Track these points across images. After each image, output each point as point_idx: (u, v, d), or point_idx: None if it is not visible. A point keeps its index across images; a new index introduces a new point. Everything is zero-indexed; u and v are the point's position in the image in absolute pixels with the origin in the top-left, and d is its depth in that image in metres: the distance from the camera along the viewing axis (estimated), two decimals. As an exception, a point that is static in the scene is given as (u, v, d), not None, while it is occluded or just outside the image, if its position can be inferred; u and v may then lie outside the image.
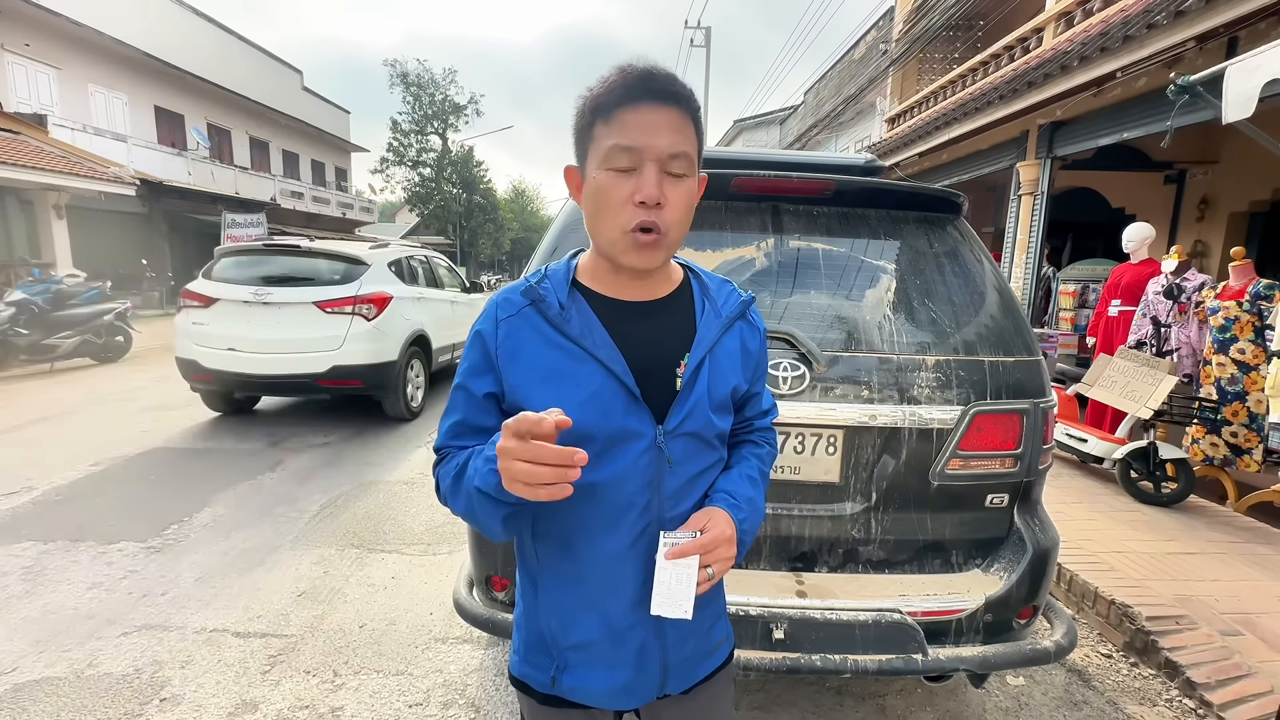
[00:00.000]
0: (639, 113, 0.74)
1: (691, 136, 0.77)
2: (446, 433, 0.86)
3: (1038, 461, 1.70)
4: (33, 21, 13.19)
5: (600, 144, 0.76)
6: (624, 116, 0.74)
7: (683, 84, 0.76)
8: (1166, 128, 3.24)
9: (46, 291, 7.43)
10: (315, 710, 1.97)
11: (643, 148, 0.74)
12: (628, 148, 0.74)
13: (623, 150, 0.74)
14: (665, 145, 0.74)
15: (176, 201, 15.40)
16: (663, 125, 0.74)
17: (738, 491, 0.87)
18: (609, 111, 0.75)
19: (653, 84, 0.74)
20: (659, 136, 0.74)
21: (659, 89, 0.74)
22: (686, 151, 0.76)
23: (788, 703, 2.05)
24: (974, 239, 1.91)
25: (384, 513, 3.53)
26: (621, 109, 0.74)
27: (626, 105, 0.74)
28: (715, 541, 0.78)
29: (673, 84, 0.75)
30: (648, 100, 0.74)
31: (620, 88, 0.75)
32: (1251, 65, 2.38)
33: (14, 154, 10.53)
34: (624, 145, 0.74)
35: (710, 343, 0.86)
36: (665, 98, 0.75)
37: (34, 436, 4.81)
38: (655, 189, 0.74)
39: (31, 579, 2.72)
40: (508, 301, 0.84)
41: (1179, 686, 2.19)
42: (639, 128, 0.74)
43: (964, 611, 1.59)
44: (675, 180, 0.76)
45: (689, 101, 0.77)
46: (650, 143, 0.74)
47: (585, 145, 0.79)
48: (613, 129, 0.75)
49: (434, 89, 33.37)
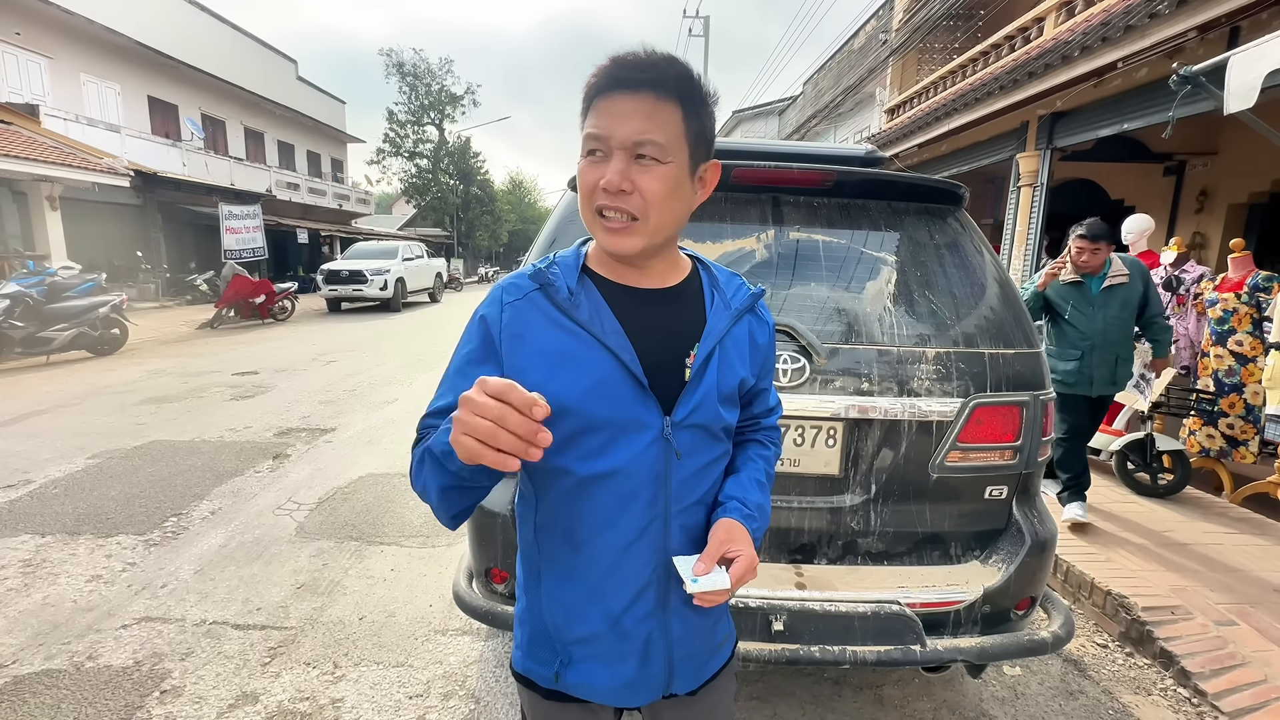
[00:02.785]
0: (610, 101, 0.75)
1: (667, 122, 0.74)
2: (432, 414, 0.80)
3: (1037, 454, 1.71)
4: (23, 10, 13.02)
5: (582, 133, 0.78)
6: (598, 105, 0.76)
7: (659, 69, 0.74)
8: (1168, 118, 3.24)
9: (41, 284, 7.38)
10: (315, 702, 1.98)
11: (608, 135, 0.74)
12: (595, 135, 0.75)
13: (592, 138, 0.76)
14: (627, 133, 0.73)
15: (171, 193, 15.27)
16: (627, 112, 0.74)
17: (750, 500, 0.86)
18: (589, 101, 0.77)
19: (620, 72, 0.75)
20: (621, 124, 0.74)
21: (624, 77, 0.74)
22: (653, 138, 0.74)
23: (786, 693, 2.06)
24: (974, 230, 1.91)
25: (382, 505, 3.53)
26: (598, 98, 0.76)
27: (601, 94, 0.76)
28: (745, 572, 0.78)
29: (642, 70, 0.74)
30: (616, 89, 0.75)
31: (595, 77, 0.76)
32: (1254, 55, 2.37)
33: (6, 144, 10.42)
34: (593, 133, 0.76)
35: (720, 333, 0.85)
36: (632, 85, 0.74)
37: (31, 429, 4.79)
38: (616, 176, 0.74)
39: (30, 572, 2.72)
40: (514, 285, 0.82)
41: (1174, 676, 2.21)
42: (606, 116, 0.75)
43: (962, 603, 1.60)
44: (645, 167, 0.75)
45: (664, 86, 0.74)
46: (613, 130, 0.74)
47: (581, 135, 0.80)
48: (590, 118, 0.77)
49: (430, 79, 33.14)
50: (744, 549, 0.79)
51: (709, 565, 0.78)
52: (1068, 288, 3.21)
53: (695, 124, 0.78)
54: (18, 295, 7.06)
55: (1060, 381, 3.21)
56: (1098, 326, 3.14)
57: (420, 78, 32.86)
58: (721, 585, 0.76)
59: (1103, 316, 3.14)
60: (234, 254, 14.58)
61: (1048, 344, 3.33)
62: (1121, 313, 3.14)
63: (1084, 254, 3.11)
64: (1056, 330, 3.30)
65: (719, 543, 0.79)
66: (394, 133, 33.34)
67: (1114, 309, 3.14)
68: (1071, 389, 3.22)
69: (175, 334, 10.27)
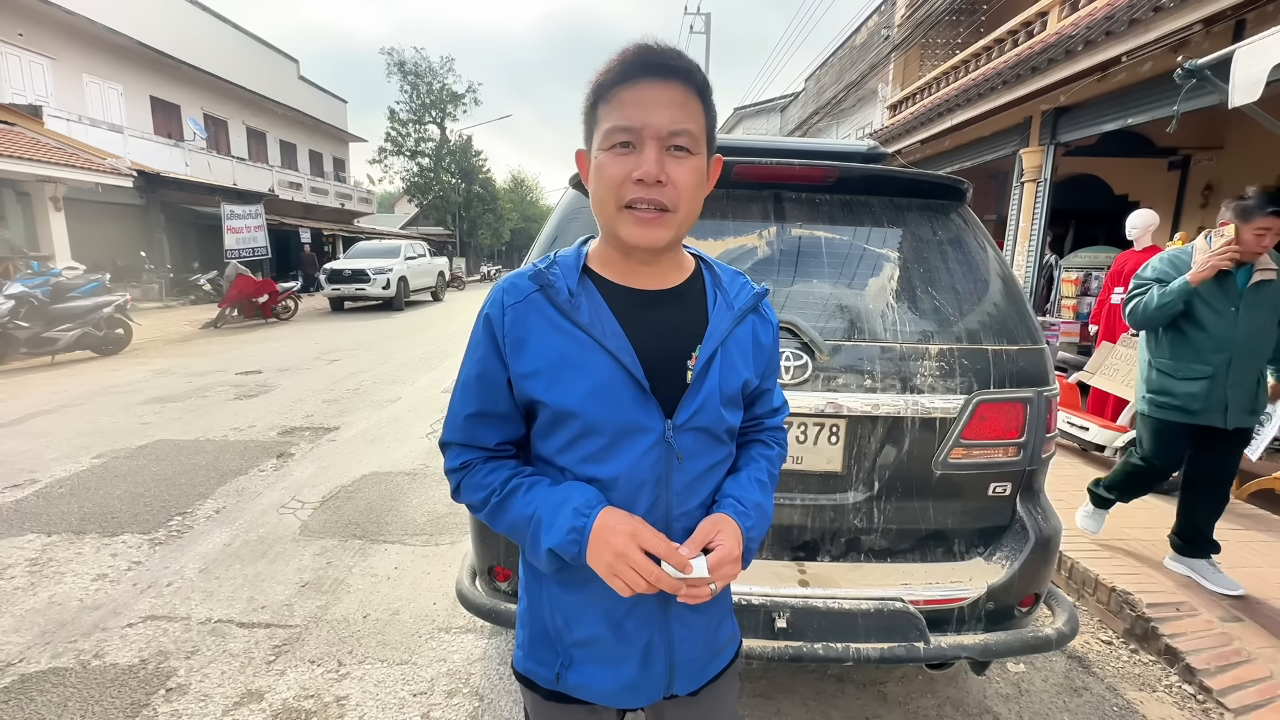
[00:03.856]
0: (638, 90, 0.72)
1: (696, 113, 0.74)
2: (463, 429, 0.83)
3: (1041, 450, 1.70)
4: (25, 11, 13.05)
5: (602, 125, 0.75)
6: (623, 95, 0.73)
7: (685, 59, 0.73)
8: (1172, 113, 3.21)
9: (46, 284, 7.41)
10: (320, 699, 1.98)
11: (641, 125, 0.72)
12: (626, 127, 0.72)
13: (622, 129, 0.73)
14: (665, 122, 0.72)
15: (174, 193, 15.31)
16: (662, 101, 0.72)
17: (746, 497, 0.85)
18: (608, 91, 0.74)
19: (650, 59, 0.72)
20: (658, 113, 0.71)
21: (656, 64, 0.72)
22: (689, 128, 0.73)
23: (790, 690, 2.06)
24: (977, 226, 1.90)
25: (386, 503, 3.54)
26: (620, 88, 0.73)
27: (625, 83, 0.73)
28: (722, 562, 0.77)
29: (673, 59, 0.73)
30: (646, 76, 0.72)
31: (619, 66, 0.73)
32: (1260, 48, 2.35)
33: (10, 145, 10.46)
34: (622, 125, 0.72)
35: (722, 335, 0.83)
36: (664, 73, 0.72)
37: (36, 429, 4.82)
38: (655, 166, 0.72)
39: (36, 571, 2.73)
40: (515, 287, 0.81)
41: (1179, 673, 2.20)
42: (637, 105, 0.72)
43: (966, 600, 1.59)
44: (678, 158, 0.73)
45: (692, 76, 0.73)
46: (649, 120, 0.71)
47: (591, 128, 0.77)
48: (612, 109, 0.73)
49: (431, 78, 33.12)
50: (726, 540, 0.78)
51: (691, 552, 0.76)
52: (1204, 282, 2.43)
53: (711, 116, 0.78)
54: (23, 296, 7.09)
55: (1178, 408, 2.50)
56: (1239, 334, 2.40)
57: (421, 76, 32.87)
58: (698, 574, 0.74)
59: (1248, 321, 2.39)
60: (235, 253, 14.61)
61: (1155, 357, 2.63)
62: (1271, 317, 2.42)
63: (1267, 235, 2.29)
64: (1176, 340, 2.54)
65: (703, 534, 0.79)
66: (396, 131, 33.36)
67: (1262, 311, 2.40)
68: (1194, 417, 2.48)
69: (179, 334, 10.31)
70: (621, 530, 0.73)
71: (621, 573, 0.72)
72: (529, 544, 0.80)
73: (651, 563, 0.72)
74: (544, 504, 0.78)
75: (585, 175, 0.82)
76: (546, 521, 0.77)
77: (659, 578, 0.72)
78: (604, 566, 0.73)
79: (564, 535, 0.75)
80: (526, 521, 0.79)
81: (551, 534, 0.76)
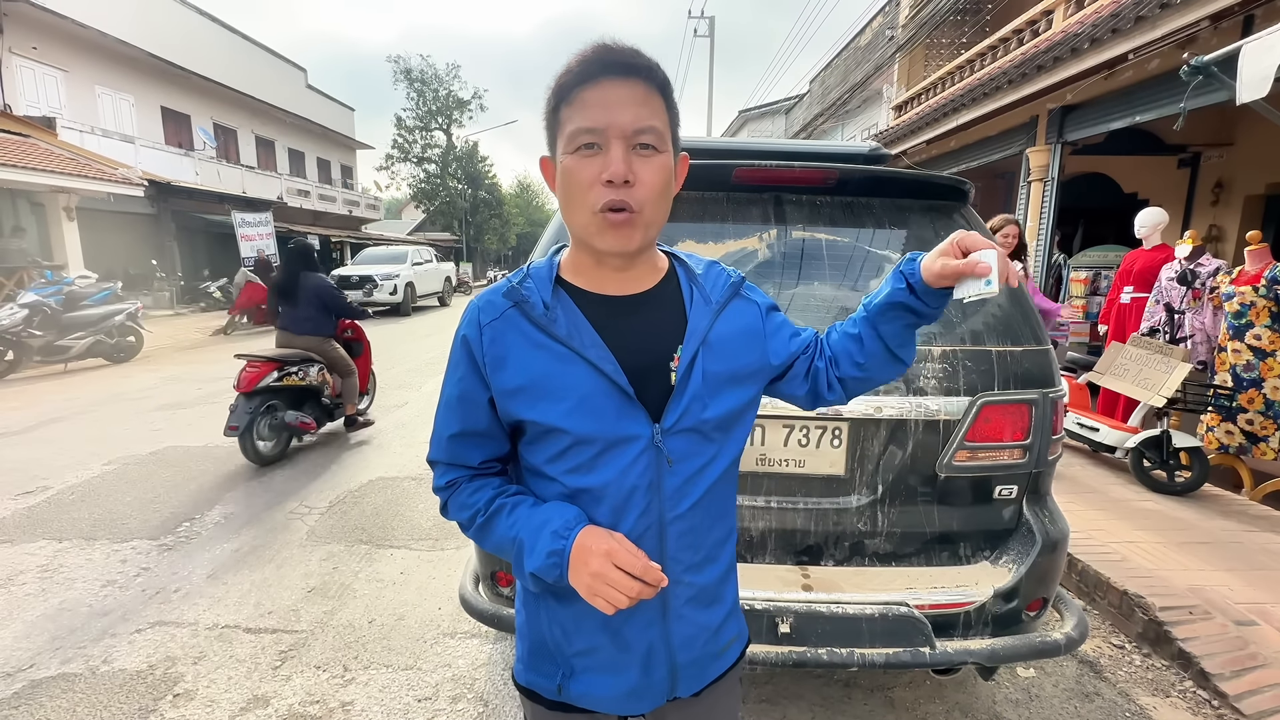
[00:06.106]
0: (599, 89, 0.71)
1: (659, 110, 0.73)
2: (447, 448, 0.84)
3: (1047, 452, 1.68)
4: (39, 25, 13.26)
5: (565, 128, 0.73)
6: (584, 96, 0.71)
7: (645, 56, 0.72)
8: (1180, 110, 3.18)
9: (59, 293, 7.51)
10: (326, 705, 1.99)
11: (606, 125, 0.70)
12: (590, 128, 0.71)
13: (586, 131, 0.71)
14: (629, 120, 0.70)
15: (184, 201, 15.48)
16: (625, 100, 0.71)
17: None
18: (569, 93, 0.72)
19: (610, 58, 0.71)
20: (621, 112, 0.70)
21: (617, 62, 0.71)
22: (654, 125, 0.72)
23: (795, 695, 2.05)
24: (981, 227, 1.88)
25: (392, 509, 3.55)
26: (581, 88, 0.71)
27: (586, 84, 0.71)
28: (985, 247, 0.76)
29: (632, 57, 0.71)
30: (605, 76, 0.71)
31: (578, 67, 0.72)
32: (1267, 44, 2.33)
33: (24, 156, 10.61)
34: (586, 126, 0.71)
35: (703, 333, 0.81)
36: (625, 71, 0.71)
37: (49, 436, 4.87)
38: (622, 165, 0.70)
39: (47, 577, 2.76)
40: (490, 305, 0.80)
41: (1193, 677, 2.17)
42: (600, 105, 0.71)
43: (972, 604, 1.57)
44: (645, 156, 0.72)
45: (653, 74, 0.73)
46: (613, 119, 0.70)
47: (554, 132, 0.76)
48: (575, 111, 0.72)
49: (437, 84, 33.35)
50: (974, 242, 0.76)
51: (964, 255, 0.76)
52: None
53: (674, 113, 0.77)
54: (36, 304, 7.19)
55: None
56: None
57: (428, 83, 33.09)
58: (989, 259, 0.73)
59: None
60: (250, 260, 14.76)
61: None
62: None
63: None
64: None
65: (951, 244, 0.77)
66: (402, 138, 33.60)
67: None
68: None
69: (189, 341, 10.41)
70: (597, 550, 0.72)
71: (601, 592, 0.72)
72: (515, 565, 0.80)
73: (629, 579, 0.71)
74: (525, 527, 0.78)
75: (551, 182, 0.80)
76: (528, 545, 0.77)
77: (640, 591, 0.72)
78: (584, 588, 0.73)
79: (544, 559, 0.75)
80: (510, 543, 0.79)
81: (533, 558, 0.76)
